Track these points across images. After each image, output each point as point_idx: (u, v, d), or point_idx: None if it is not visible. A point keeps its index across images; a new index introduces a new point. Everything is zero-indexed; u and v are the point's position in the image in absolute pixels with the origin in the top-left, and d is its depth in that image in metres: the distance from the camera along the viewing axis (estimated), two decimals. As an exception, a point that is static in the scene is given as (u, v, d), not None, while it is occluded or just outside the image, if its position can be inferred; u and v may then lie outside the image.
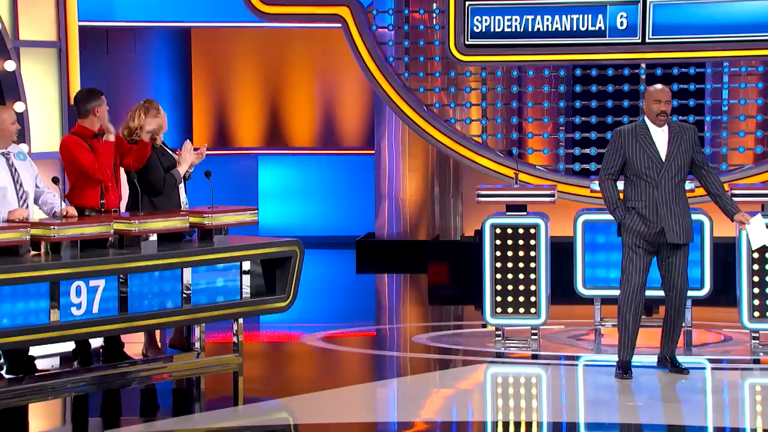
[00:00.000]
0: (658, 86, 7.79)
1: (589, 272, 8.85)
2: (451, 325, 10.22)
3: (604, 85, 12.00)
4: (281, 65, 15.30)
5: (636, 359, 7.81)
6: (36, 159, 8.33)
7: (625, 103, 12.07)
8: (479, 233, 9.49)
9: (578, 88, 12.19)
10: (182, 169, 8.00)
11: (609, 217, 8.02)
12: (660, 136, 7.72)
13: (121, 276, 6.78)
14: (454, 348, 8.87)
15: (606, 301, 8.85)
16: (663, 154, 7.66)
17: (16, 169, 7.23)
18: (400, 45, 12.53)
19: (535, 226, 8.73)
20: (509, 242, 8.75)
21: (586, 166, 12.27)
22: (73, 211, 7.13)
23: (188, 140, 8.17)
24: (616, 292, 7.80)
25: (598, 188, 7.99)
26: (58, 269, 6.55)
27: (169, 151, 8.10)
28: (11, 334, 6.38)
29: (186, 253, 7.07)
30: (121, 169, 7.88)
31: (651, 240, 7.66)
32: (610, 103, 12.10)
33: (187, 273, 7.03)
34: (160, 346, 8.03)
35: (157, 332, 8.03)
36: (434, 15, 12.33)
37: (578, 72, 12.16)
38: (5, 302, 6.37)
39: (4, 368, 7.09)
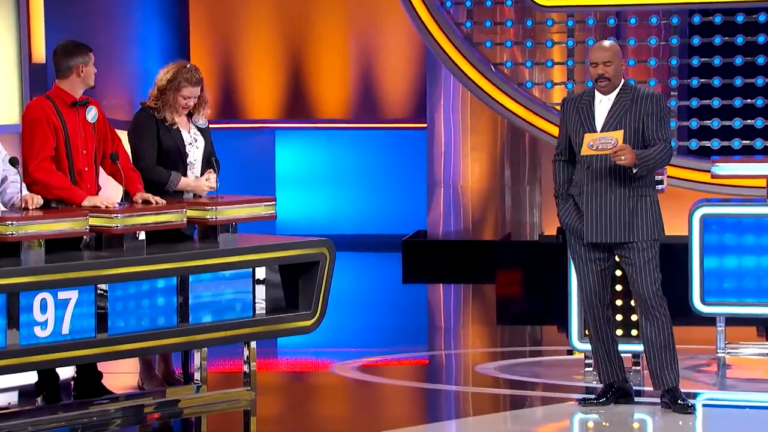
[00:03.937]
0: (600, 43, 7.72)
1: (711, 283, 8.82)
2: (526, 351, 10.22)
3: (732, 37, 11.92)
4: (305, 14, 15.34)
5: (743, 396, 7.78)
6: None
7: (760, 60, 11.98)
8: (562, 231, 9.49)
9: (696, 41, 12.12)
10: (189, 185, 7.88)
11: (737, 210, 8.00)
12: (604, 105, 7.68)
13: (100, 286, 6.82)
14: (531, 381, 8.88)
15: (732, 320, 8.82)
16: (599, 128, 7.63)
17: None
18: (460, -15, 12.52)
19: (638, 222, 8.71)
20: (604, 243, 8.73)
21: (705, 143, 12.22)
22: (36, 199, 7.14)
23: (215, 176, 7.98)
24: (746, 309, 7.74)
25: (722, 172, 7.95)
26: (17, 277, 6.58)
27: (195, 129, 7.94)
28: (-43, 361, 6.44)
29: (183, 257, 7.11)
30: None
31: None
32: (739, 60, 12.04)
33: (185, 283, 7.07)
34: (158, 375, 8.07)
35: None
36: (505, -54, 12.34)
37: (697, 19, 12.09)
38: (-51, 319, 6.42)
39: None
